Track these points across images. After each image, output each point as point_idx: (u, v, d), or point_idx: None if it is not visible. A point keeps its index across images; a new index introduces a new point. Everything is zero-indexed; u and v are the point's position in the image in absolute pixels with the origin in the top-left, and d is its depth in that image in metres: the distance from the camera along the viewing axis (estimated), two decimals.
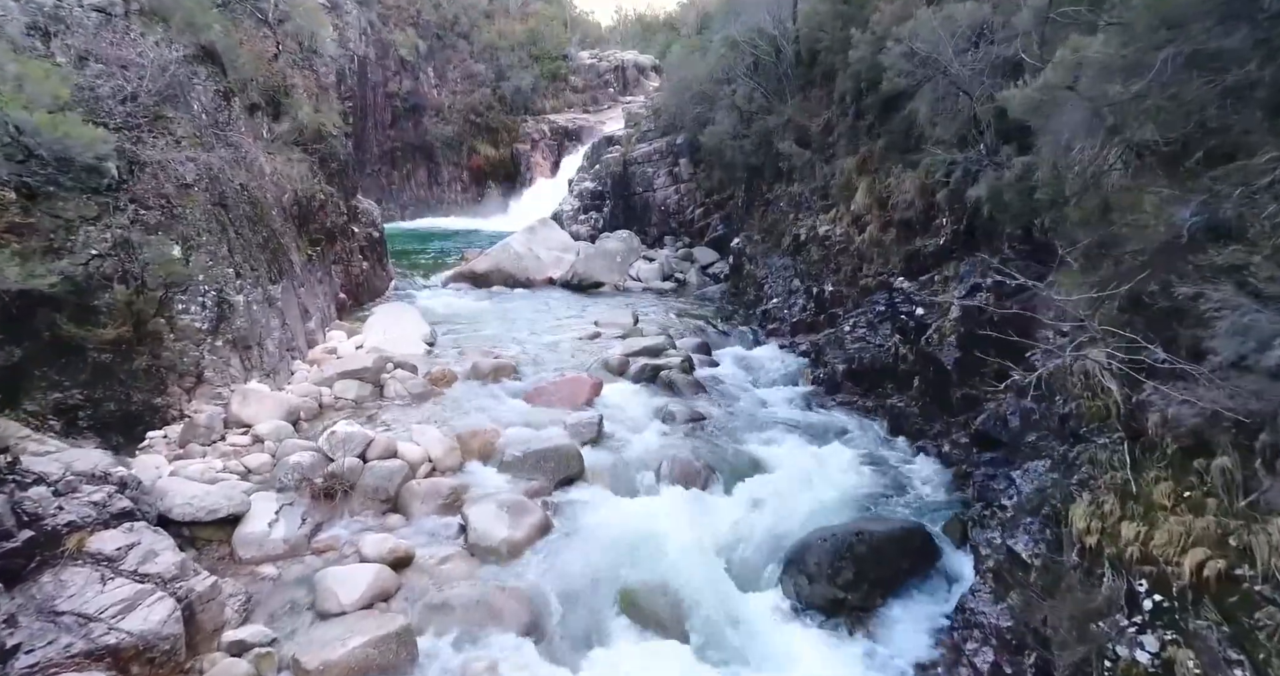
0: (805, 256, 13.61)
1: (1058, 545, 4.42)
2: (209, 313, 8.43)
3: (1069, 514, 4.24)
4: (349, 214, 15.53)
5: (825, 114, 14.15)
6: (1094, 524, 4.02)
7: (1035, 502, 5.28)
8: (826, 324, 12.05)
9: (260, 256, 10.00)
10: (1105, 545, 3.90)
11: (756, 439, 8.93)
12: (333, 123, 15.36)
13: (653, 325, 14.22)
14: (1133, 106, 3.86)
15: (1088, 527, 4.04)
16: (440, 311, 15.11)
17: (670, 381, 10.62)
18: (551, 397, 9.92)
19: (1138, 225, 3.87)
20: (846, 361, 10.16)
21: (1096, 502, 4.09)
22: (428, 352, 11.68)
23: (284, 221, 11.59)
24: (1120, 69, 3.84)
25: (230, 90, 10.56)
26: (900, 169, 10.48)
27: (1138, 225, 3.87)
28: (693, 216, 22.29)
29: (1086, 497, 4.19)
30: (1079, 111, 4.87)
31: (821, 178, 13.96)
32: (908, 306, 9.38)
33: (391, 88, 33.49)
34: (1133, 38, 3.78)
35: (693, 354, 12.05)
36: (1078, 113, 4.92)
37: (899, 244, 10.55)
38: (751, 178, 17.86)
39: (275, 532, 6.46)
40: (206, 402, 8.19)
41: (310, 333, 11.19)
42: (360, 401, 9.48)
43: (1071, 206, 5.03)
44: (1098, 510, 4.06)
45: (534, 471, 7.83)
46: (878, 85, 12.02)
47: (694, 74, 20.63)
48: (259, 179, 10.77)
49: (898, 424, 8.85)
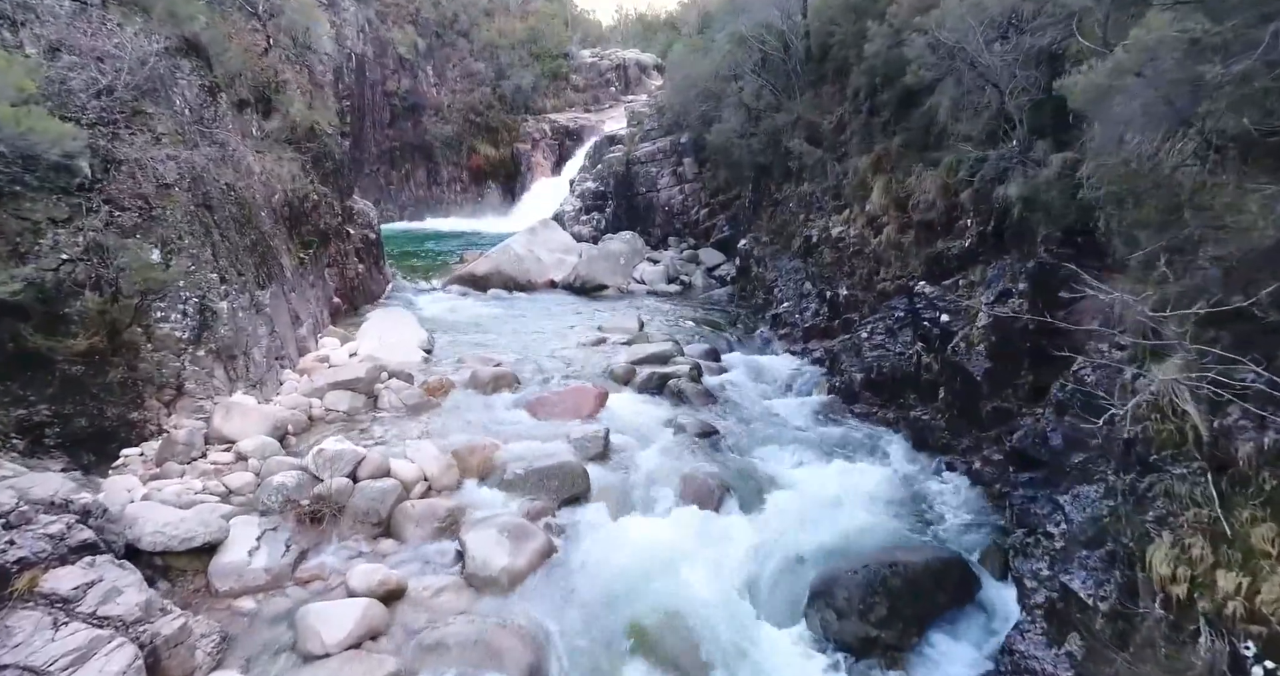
0: (817, 259, 13.10)
1: (1130, 589, 3.91)
2: (190, 321, 7.92)
3: (1147, 556, 3.73)
4: (344, 215, 15.02)
5: (838, 111, 13.64)
6: (1180, 570, 3.51)
7: (1091, 534, 4.77)
8: (841, 329, 11.53)
9: (248, 260, 9.49)
10: (1198, 597, 3.39)
11: (772, 454, 8.41)
12: (327, 121, 14.85)
13: (659, 330, 13.70)
14: (1231, 90, 3.35)
15: (1173, 574, 3.53)
16: (438, 316, 14.61)
17: (679, 391, 10.11)
18: (554, 409, 9.41)
19: (1238, 227, 3.36)
20: (864, 370, 9.64)
21: (1181, 545, 3.58)
22: (425, 360, 11.17)
23: (274, 223, 11.09)
24: (1216, 47, 3.33)
25: (216, 85, 10.04)
26: (920, 168, 9.96)
27: (1238, 227, 3.36)
28: (697, 217, 21.78)
29: (1167, 538, 3.68)
30: (1141, 100, 4.36)
31: (833, 177, 13.45)
32: (931, 312, 8.87)
33: (390, 86, 32.99)
34: (1232, 9, 3.28)
35: (701, 361, 11.54)
36: (1138, 101, 4.41)
37: (919, 246, 10.04)
38: (759, 177, 17.35)
39: (256, 561, 5.95)
40: (187, 417, 7.68)
41: (301, 340, 10.68)
42: (352, 413, 8.97)
43: (1130, 206, 4.52)
44: (1183, 554, 3.54)
45: (536, 490, 7.32)
46: (894, 80, 11.52)
47: (699, 71, 20.12)
48: (247, 179, 10.26)
49: (922, 437, 8.33)
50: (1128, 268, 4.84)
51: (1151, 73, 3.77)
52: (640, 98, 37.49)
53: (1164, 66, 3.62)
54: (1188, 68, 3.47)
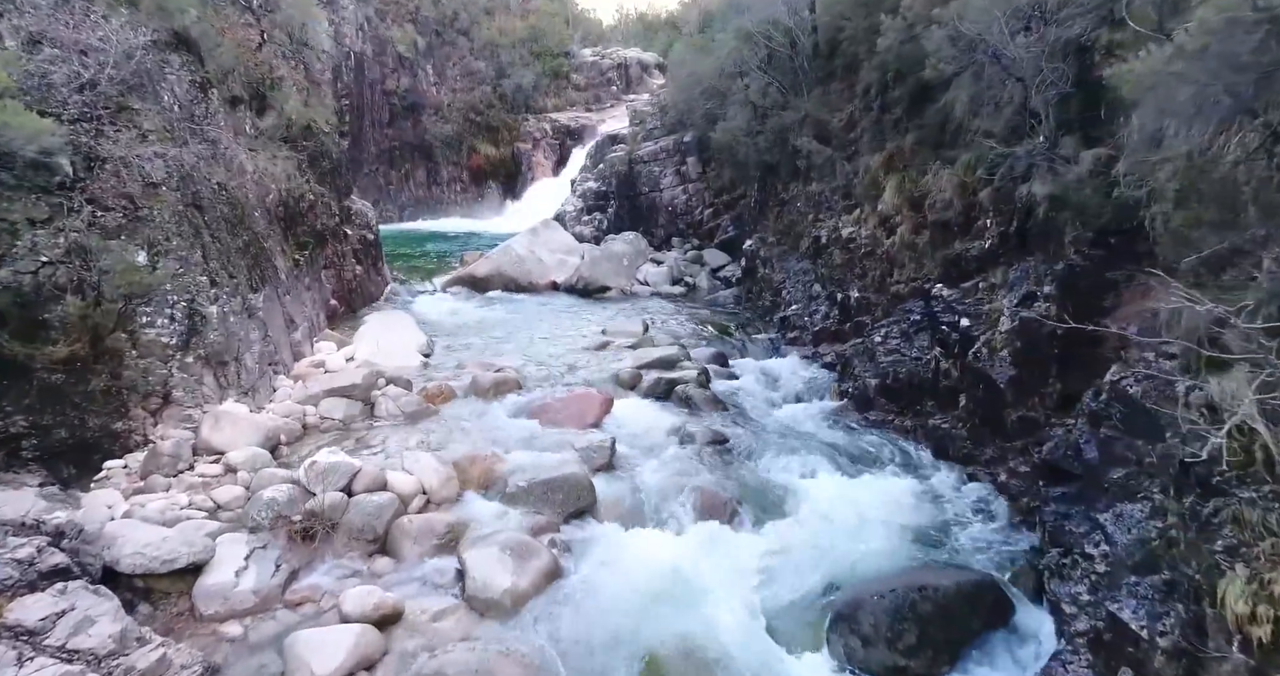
0: (827, 260, 12.75)
1: (1197, 627, 3.57)
2: (178, 326, 7.58)
3: (1218, 591, 3.39)
4: (341, 215, 14.67)
5: (847, 108, 13.28)
6: (1261, 609, 3.17)
7: (1140, 558, 4.42)
8: (853, 333, 11.18)
9: (240, 262, 9.15)
10: None
11: (785, 464, 8.06)
12: (324, 119, 14.51)
13: (664, 333, 13.36)
14: None
15: (1253, 614, 3.20)
16: (438, 318, 14.26)
17: (687, 397, 9.76)
18: (558, 416, 9.07)
19: None
20: (879, 376, 9.29)
21: (1259, 580, 3.24)
22: (423, 365, 10.83)
23: (268, 224, 10.74)
24: None
25: (207, 81, 9.70)
26: (937, 166, 9.61)
27: None
28: (701, 217, 21.43)
29: (1242, 572, 3.35)
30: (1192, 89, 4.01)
31: (843, 176, 13.10)
32: (949, 316, 8.52)
33: (389, 85, 32.63)
34: None
35: (709, 366, 11.20)
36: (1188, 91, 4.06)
37: (935, 247, 9.69)
38: (765, 176, 17.00)
39: (244, 582, 5.61)
40: (174, 427, 7.34)
41: (296, 344, 10.33)
42: (348, 421, 8.63)
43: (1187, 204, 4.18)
44: (1263, 590, 3.21)
45: (540, 504, 6.98)
46: (907, 76, 11.18)
47: (703, 69, 19.76)
48: (239, 178, 9.91)
49: (942, 447, 7.99)
50: (1177, 271, 4.49)
51: (1218, 58, 3.43)
52: (642, 97, 37.12)
53: (1232, 50, 3.28)
54: (1270, 50, 3.13)
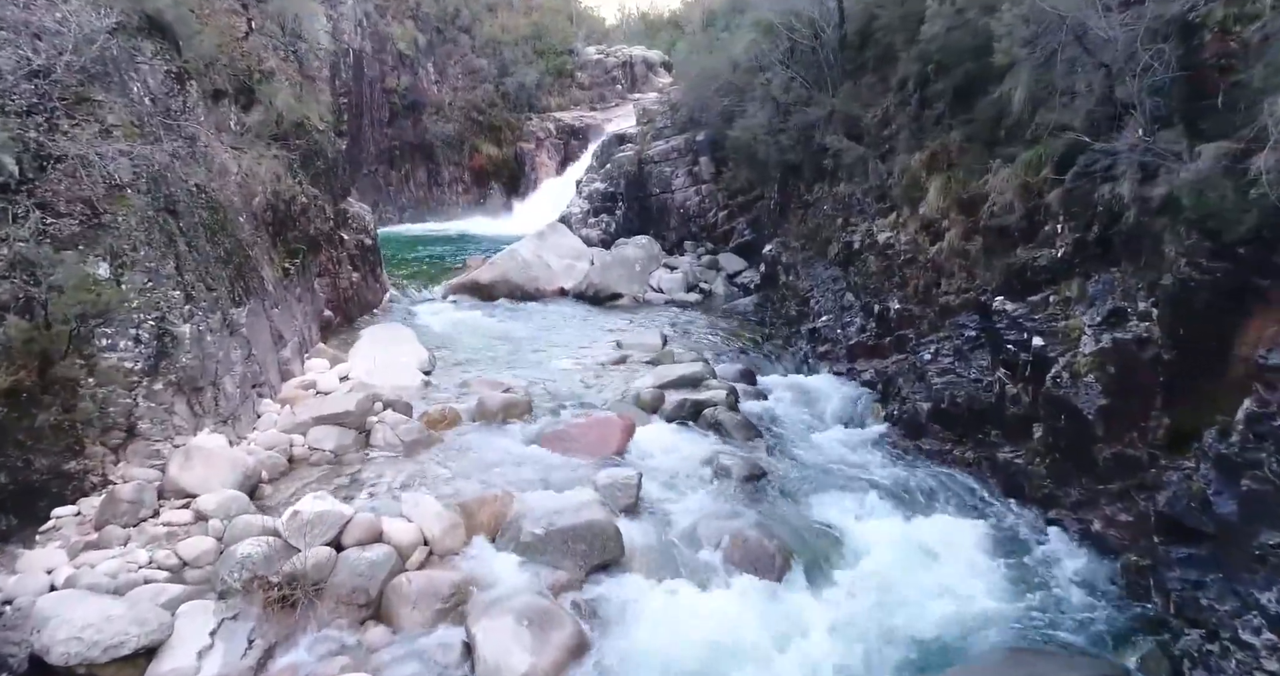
0: (860, 267, 11.79)
1: None
2: (145, 348, 6.63)
3: None
4: (336, 219, 13.73)
5: (881, 104, 12.33)
6: None
7: None
8: (894, 348, 10.23)
9: (221, 273, 8.22)
10: None
11: (834, 503, 7.12)
12: (318, 115, 13.57)
13: (684, 347, 12.42)
14: None
15: None
16: (440, 329, 13.33)
17: (716, 422, 8.81)
18: (575, 444, 8.13)
19: None
20: (931, 399, 8.35)
21: None
22: (425, 384, 9.88)
23: (254, 229, 9.81)
24: None
25: (185, 72, 8.77)
26: (997, 164, 8.65)
27: None
28: (715, 220, 20.47)
29: None
30: None
31: (877, 176, 12.15)
32: (1015, 334, 7.57)
33: (389, 83, 31.69)
34: None
35: (736, 384, 10.25)
36: None
37: (993, 255, 8.73)
38: (786, 177, 16.04)
39: (208, 667, 4.67)
40: (139, 465, 6.39)
41: (285, 362, 9.38)
42: (340, 453, 7.68)
43: None
44: None
45: (559, 555, 6.03)
46: (952, 67, 10.25)
47: (718, 65, 18.80)
48: (221, 179, 8.98)
49: (1014, 485, 7.04)
50: None
51: None
52: (648, 95, 36.21)
53: None
54: None
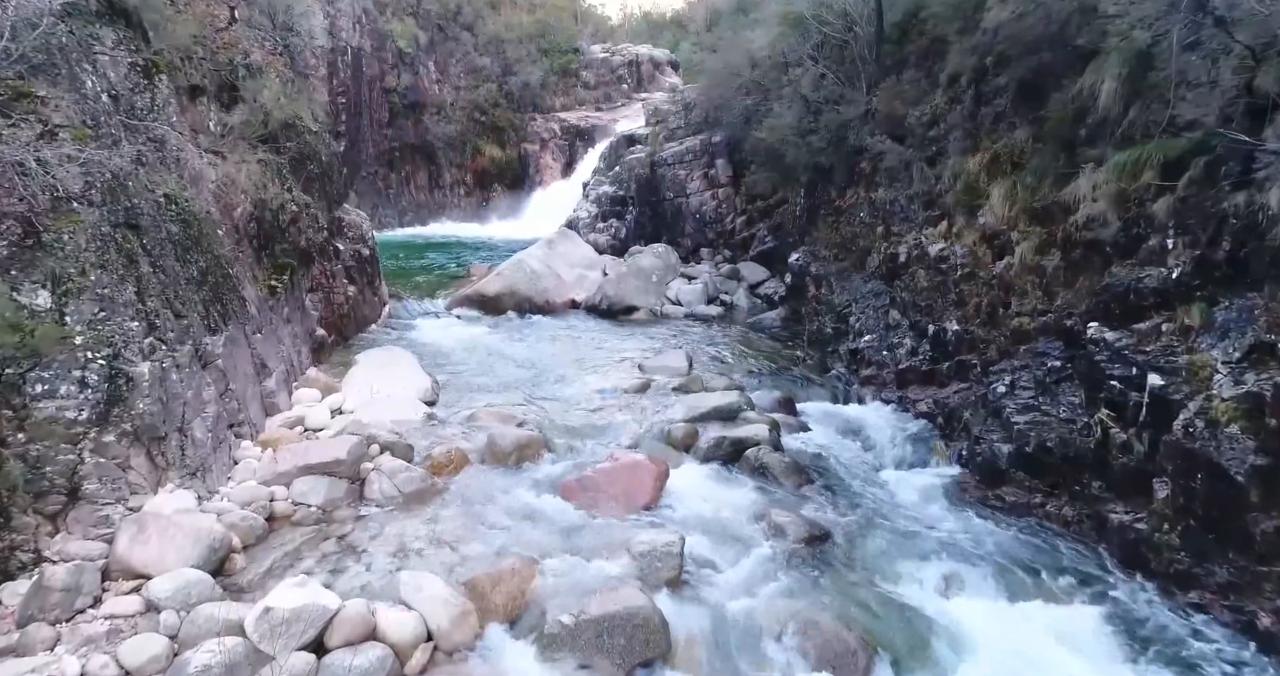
0: (907, 282, 10.68)
1: None
2: (93, 393, 5.53)
3: None
4: (331, 228, 12.63)
5: (930, 100, 11.22)
6: None
7: None
8: (955, 376, 9.11)
9: (193, 296, 7.12)
10: None
11: (914, 574, 6.00)
12: (311, 115, 12.47)
13: (710, 368, 11.30)
14: None
15: None
16: (443, 349, 12.22)
17: (761, 465, 7.70)
18: (601, 495, 7.02)
19: None
20: (1013, 441, 7.23)
21: None
22: (427, 417, 8.76)
23: (236, 244, 8.71)
24: None
25: (153, 65, 7.66)
26: (1089, 169, 7.52)
27: None
28: (733, 226, 19.37)
29: None
30: None
31: (923, 181, 11.04)
32: (1120, 368, 6.45)
33: (389, 82, 30.59)
34: None
35: (776, 415, 9.14)
36: None
37: (1077, 273, 7.64)
38: (815, 181, 14.94)
39: None
40: (81, 537, 5.29)
41: (269, 395, 8.27)
42: (330, 508, 6.57)
43: None
44: None
45: (592, 651, 4.94)
46: (1014, 59, 9.18)
47: (738, 61, 17.67)
48: (196, 187, 7.88)
49: (1135, 554, 5.91)
50: None
51: None
52: (655, 95, 35.19)
53: None
54: None
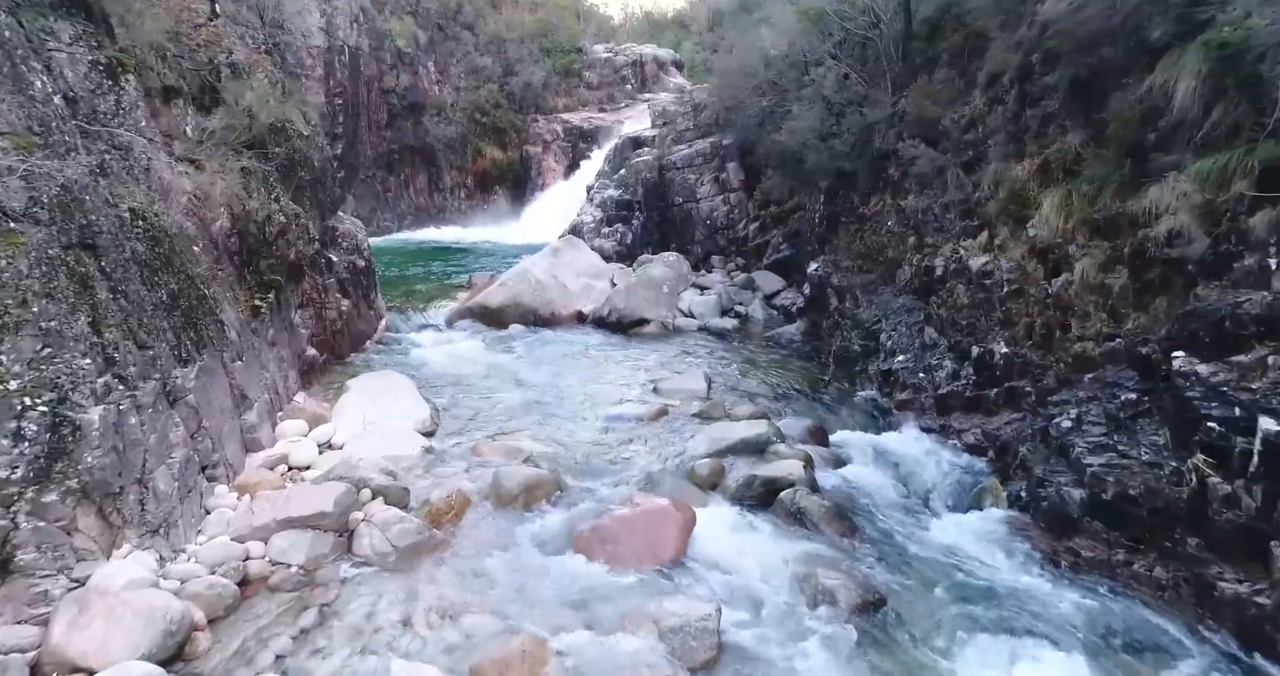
0: (945, 298, 9.87)
1: None
2: (30, 447, 4.72)
3: None
4: (324, 238, 11.84)
5: (967, 101, 10.41)
6: None
7: None
8: (1006, 405, 8.29)
9: (161, 324, 6.31)
10: None
11: (987, 651, 5.17)
12: (302, 117, 11.67)
13: (731, 391, 10.49)
14: None
15: None
16: (444, 368, 11.41)
17: (798, 510, 6.87)
18: (620, 548, 6.21)
19: None
20: (1085, 485, 6.41)
21: None
22: (425, 451, 7.94)
23: (214, 261, 7.90)
24: None
25: (119, 63, 6.86)
26: (1173, 178, 6.70)
27: None
28: (746, 232, 18.57)
29: None
30: None
31: (959, 188, 10.24)
32: (1218, 407, 5.63)
33: (387, 83, 29.80)
34: None
35: (808, 447, 8.33)
36: None
37: (1152, 294, 6.82)
38: (836, 187, 14.14)
39: None
40: (12, 619, 4.47)
41: (249, 430, 7.45)
42: (313, 568, 5.77)
43: None
44: None
45: None
46: (1065, 55, 8.38)
47: (752, 60, 16.86)
48: (168, 199, 7.08)
49: (1253, 631, 5.08)
50: None
51: None
52: (660, 96, 34.45)
53: None
54: None
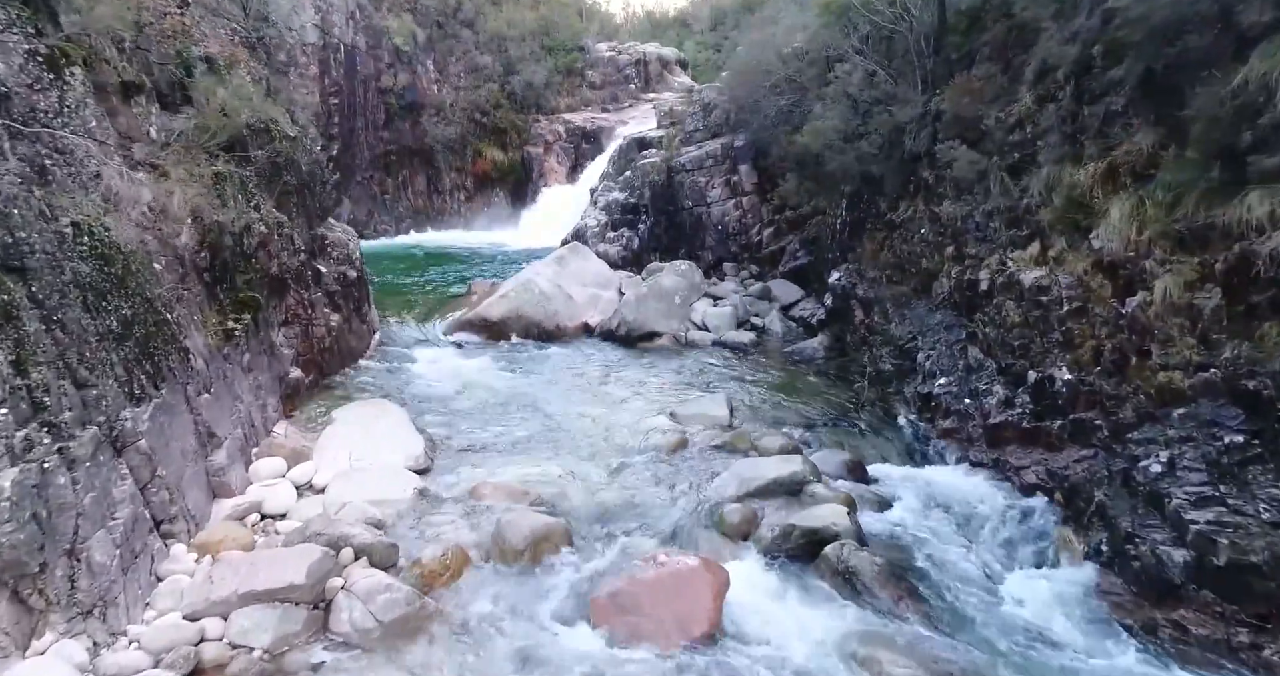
0: (992, 316, 8.94)
1: None
2: None
3: None
4: (312, 248, 10.94)
5: (1014, 98, 9.49)
6: None
7: None
8: (1072, 439, 7.37)
9: (109, 356, 5.42)
10: None
11: None
12: (286, 117, 10.77)
13: (754, 417, 9.57)
14: None
15: None
16: (440, 388, 10.50)
17: (848, 570, 5.94)
18: (643, 619, 5.32)
19: None
20: (1190, 546, 5.51)
21: None
22: (419, 494, 7.03)
23: (179, 280, 6.99)
24: None
25: (63, 54, 5.96)
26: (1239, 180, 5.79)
27: None
28: (760, 238, 17.64)
29: None
30: None
31: (1005, 193, 9.33)
32: None
33: (385, 82, 28.86)
34: None
35: (846, 484, 7.43)
36: None
37: (1258, 318, 5.92)
38: (860, 191, 13.23)
39: None
40: None
41: (217, 473, 6.53)
42: (279, 651, 4.86)
43: None
44: None
45: None
46: (1130, 46, 7.49)
47: (767, 57, 15.91)
48: (119, 211, 6.17)
49: None
50: None
51: None
52: (664, 95, 33.56)
53: None
54: None
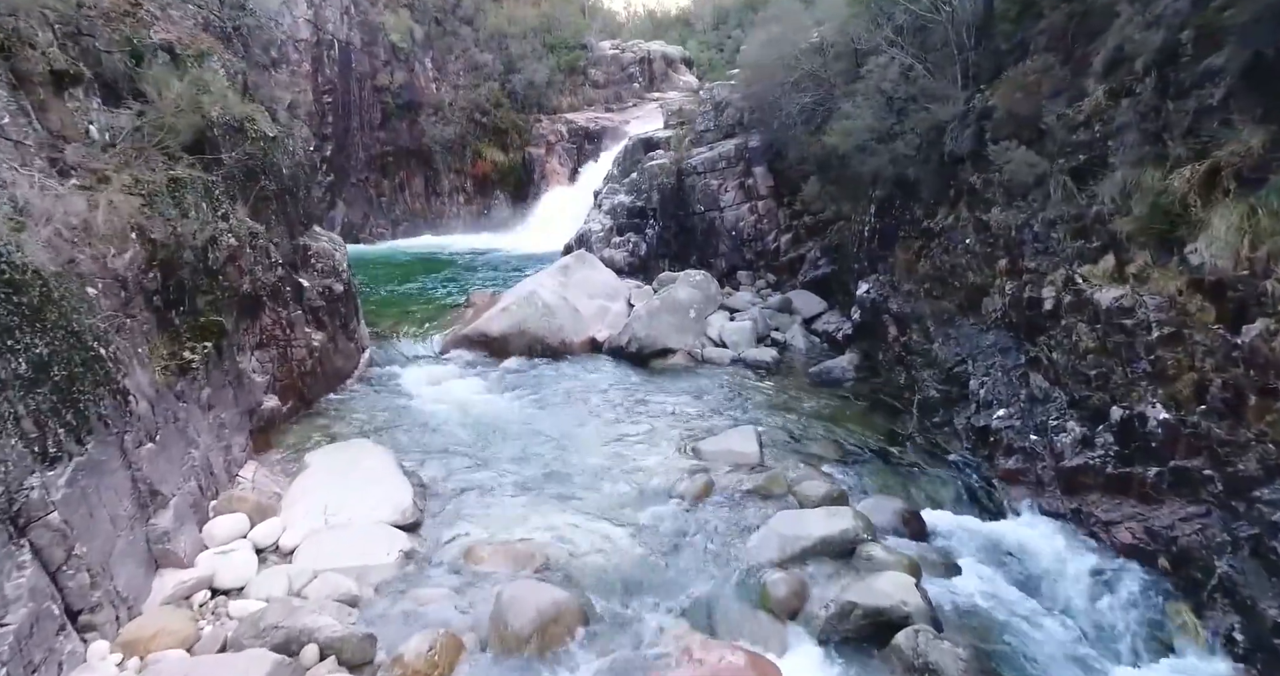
0: (1060, 339, 7.87)
1: None
2: None
3: None
4: (292, 261, 9.86)
5: (1082, 92, 8.40)
6: None
7: None
8: (1174, 491, 6.29)
9: (14, 409, 4.35)
10: None
11: None
12: (265, 115, 9.71)
13: (786, 451, 8.48)
14: None
15: None
16: (433, 417, 9.41)
17: (926, 666, 4.87)
18: None
19: None
20: None
21: None
22: (405, 558, 5.94)
23: (122, 306, 5.91)
24: None
25: None
26: None
27: None
28: (777, 245, 16.56)
29: None
30: None
31: (1068, 199, 8.26)
32: None
33: (381, 80, 27.82)
34: None
35: (905, 543, 6.36)
36: None
37: None
38: (892, 195, 12.15)
39: None
40: None
41: (161, 539, 5.45)
42: None
43: None
44: None
45: None
46: (1232, 33, 6.43)
47: (786, 51, 14.82)
48: (37, 229, 5.10)
49: None
50: None
51: None
52: (669, 94, 32.53)
53: None
54: None
